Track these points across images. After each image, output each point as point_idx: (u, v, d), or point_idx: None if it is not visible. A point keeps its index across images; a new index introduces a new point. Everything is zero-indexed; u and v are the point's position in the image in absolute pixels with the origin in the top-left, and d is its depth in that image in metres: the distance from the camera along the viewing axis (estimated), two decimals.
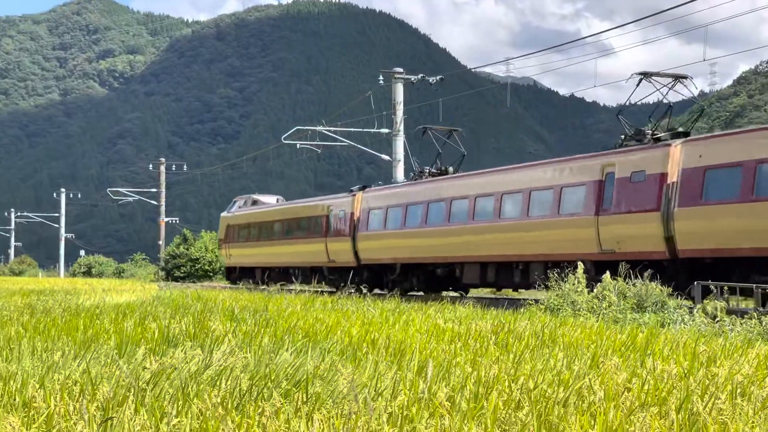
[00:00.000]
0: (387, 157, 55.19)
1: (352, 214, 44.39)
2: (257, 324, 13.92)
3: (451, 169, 41.92)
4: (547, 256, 30.96)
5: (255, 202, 61.21)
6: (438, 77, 53.62)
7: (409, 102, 56.54)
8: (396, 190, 42.79)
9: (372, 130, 57.44)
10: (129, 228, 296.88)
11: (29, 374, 7.76)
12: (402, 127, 53.92)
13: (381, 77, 54.45)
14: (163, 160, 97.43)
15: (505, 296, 36.97)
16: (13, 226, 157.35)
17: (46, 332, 12.31)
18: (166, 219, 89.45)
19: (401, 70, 54.37)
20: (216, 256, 76.01)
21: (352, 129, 60.24)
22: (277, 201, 60.74)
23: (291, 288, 32.45)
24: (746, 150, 24.33)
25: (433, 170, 42.43)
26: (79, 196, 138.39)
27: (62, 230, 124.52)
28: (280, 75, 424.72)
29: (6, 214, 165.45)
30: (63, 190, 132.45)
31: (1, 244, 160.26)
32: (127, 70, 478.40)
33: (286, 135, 60.52)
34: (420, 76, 54.13)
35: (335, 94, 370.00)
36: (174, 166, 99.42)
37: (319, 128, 59.18)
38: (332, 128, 59.52)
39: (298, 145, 60.04)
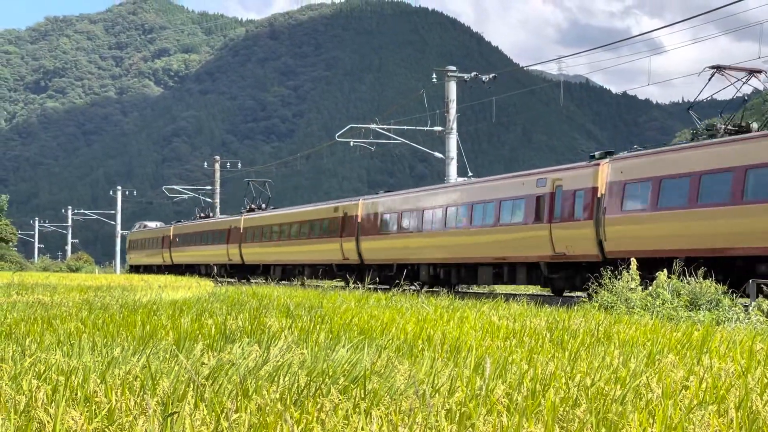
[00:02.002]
0: (440, 155, 55.12)
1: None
2: (313, 320, 13.95)
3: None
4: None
5: (145, 226, 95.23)
6: (491, 75, 53.47)
7: (462, 100, 56.42)
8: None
9: (425, 128, 57.37)
10: None
11: (90, 369, 7.83)
12: (455, 125, 53.83)
13: (434, 75, 54.36)
14: (217, 157, 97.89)
15: (546, 294, 36.79)
16: (70, 223, 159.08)
17: (105, 328, 12.41)
18: (221, 216, 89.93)
19: (454, 68, 54.27)
20: None
21: (405, 127, 60.22)
22: (156, 226, 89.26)
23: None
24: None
25: None
26: (135, 193, 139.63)
27: (118, 227, 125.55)
28: (333, 74, 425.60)
29: (63, 211, 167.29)
30: (119, 187, 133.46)
31: (58, 240, 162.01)
32: (182, 69, 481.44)
33: (339, 133, 60.63)
34: (473, 74, 54.00)
35: (388, 92, 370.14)
36: (228, 164, 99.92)
37: (373, 126, 59.22)
38: (385, 126, 59.54)
39: (351, 143, 60.11)
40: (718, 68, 31.44)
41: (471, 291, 37.76)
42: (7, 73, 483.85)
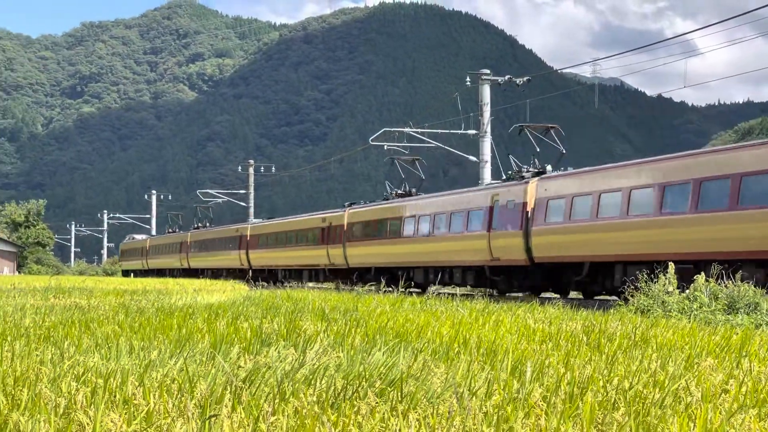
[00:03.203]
0: (474, 159, 55.07)
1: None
2: (348, 324, 13.95)
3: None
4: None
5: (133, 238, 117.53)
6: (525, 78, 53.36)
7: (496, 103, 56.39)
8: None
9: (459, 132, 57.35)
10: None
11: (128, 372, 7.86)
12: (489, 129, 53.78)
13: (468, 79, 54.32)
14: (251, 162, 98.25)
15: (575, 297, 36.74)
16: (105, 227, 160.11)
17: (142, 331, 12.46)
18: (255, 220, 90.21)
19: (488, 71, 54.22)
20: None
21: (439, 130, 60.22)
22: (142, 237, 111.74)
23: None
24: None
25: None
26: (170, 197, 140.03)
27: (153, 231, 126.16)
28: (367, 77, 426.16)
29: (99, 215, 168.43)
30: (153, 191, 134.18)
31: (94, 245, 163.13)
32: (216, 74, 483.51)
33: (373, 137, 60.71)
34: (507, 77, 53.92)
35: (421, 96, 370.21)
36: (262, 168, 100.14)
37: (407, 130, 59.24)
38: (419, 130, 59.55)
39: (385, 147, 60.17)
40: None
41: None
42: (44, 79, 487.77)
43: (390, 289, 38.37)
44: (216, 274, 78.08)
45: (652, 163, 32.67)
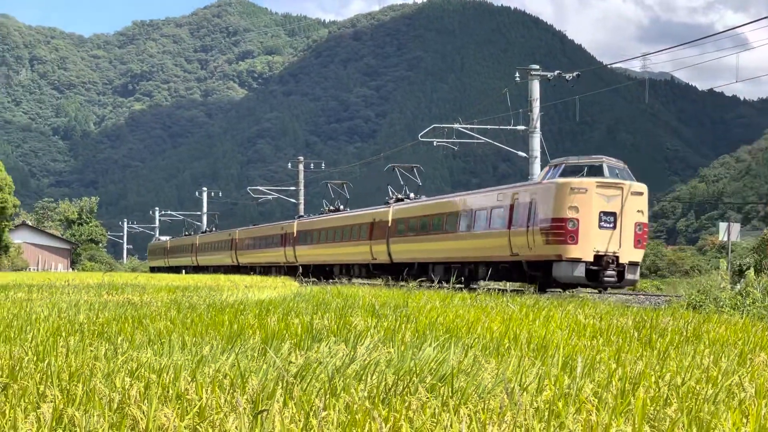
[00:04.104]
0: (523, 154, 54.88)
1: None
2: (398, 319, 13.96)
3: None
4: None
5: (159, 239, 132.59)
6: (574, 74, 53.08)
7: (545, 99, 56.14)
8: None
9: (508, 127, 57.14)
10: None
11: (181, 367, 7.91)
12: (538, 124, 53.57)
13: (517, 74, 54.11)
14: (301, 158, 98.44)
15: (640, 292, 36.46)
16: (157, 224, 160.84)
17: (193, 327, 12.54)
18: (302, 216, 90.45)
19: (537, 67, 53.99)
20: None
21: (488, 126, 60.03)
22: (166, 239, 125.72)
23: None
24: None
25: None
26: (220, 194, 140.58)
27: (204, 227, 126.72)
28: (416, 74, 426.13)
29: (150, 212, 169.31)
30: (204, 188, 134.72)
31: (146, 241, 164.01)
32: (266, 71, 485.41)
33: (422, 133, 60.61)
34: (556, 72, 53.66)
35: (470, 91, 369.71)
36: (312, 165, 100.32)
37: (456, 126, 59.11)
38: (468, 125, 59.39)
39: (434, 143, 60.08)
40: None
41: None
42: (97, 78, 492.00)
43: (436, 284, 38.24)
44: (266, 270, 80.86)
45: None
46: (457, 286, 38.06)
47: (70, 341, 10.25)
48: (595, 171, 41.24)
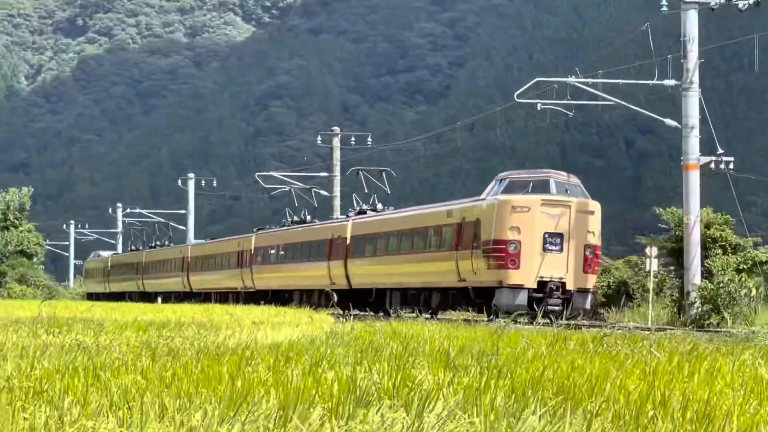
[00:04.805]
0: (673, 123, 54.69)
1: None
2: (485, 373, 13.96)
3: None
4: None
5: (99, 255, 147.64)
6: (751, 0, 52.77)
7: (707, 39, 55.94)
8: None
9: (649, 82, 56.95)
10: None
11: None
12: (696, 78, 53.40)
13: (664, 3, 53.88)
14: (336, 129, 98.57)
15: None
16: (120, 228, 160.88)
17: (177, 384, 12.60)
18: (341, 218, 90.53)
19: None
20: None
21: (620, 81, 59.84)
22: (108, 255, 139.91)
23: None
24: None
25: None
26: (215, 183, 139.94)
27: (191, 234, 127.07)
28: (510, 1, 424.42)
29: (111, 210, 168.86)
30: (191, 175, 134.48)
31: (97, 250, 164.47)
32: None
33: (520, 91, 60.50)
34: None
35: (593, 28, 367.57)
36: (352, 139, 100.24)
37: (570, 80, 58.95)
38: (588, 80, 59.23)
39: (538, 106, 59.92)
40: None
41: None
42: (30, 8, 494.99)
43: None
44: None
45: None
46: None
47: None
48: (541, 187, 50.77)
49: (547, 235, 50.02)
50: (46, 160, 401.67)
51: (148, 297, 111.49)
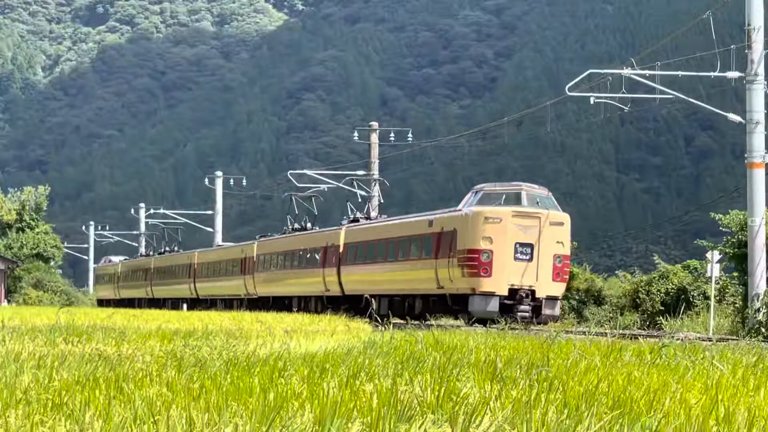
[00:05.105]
0: (737, 119, 54.56)
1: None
2: (534, 386, 13.96)
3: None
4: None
5: (110, 261, 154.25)
6: None
7: None
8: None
9: (711, 75, 56.86)
10: None
11: None
12: (761, 69, 53.24)
13: None
14: (374, 124, 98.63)
15: None
16: (143, 229, 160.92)
17: (205, 396, 12.63)
18: (381, 218, 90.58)
19: None
20: None
21: (678, 73, 59.71)
22: (119, 260, 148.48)
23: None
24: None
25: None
26: (244, 182, 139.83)
27: (218, 236, 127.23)
28: None
29: (132, 211, 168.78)
30: (219, 173, 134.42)
31: (127, 258, 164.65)
32: None
33: (571, 84, 60.47)
34: None
35: (650, 16, 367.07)
36: (392, 135, 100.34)
37: (625, 71, 58.88)
38: (645, 72, 59.14)
39: (591, 100, 59.88)
40: None
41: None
42: None
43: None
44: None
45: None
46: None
47: (9, 417, 10.37)
48: (513, 199, 58.40)
49: (518, 245, 57.53)
50: (64, 158, 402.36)
51: (157, 303, 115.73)
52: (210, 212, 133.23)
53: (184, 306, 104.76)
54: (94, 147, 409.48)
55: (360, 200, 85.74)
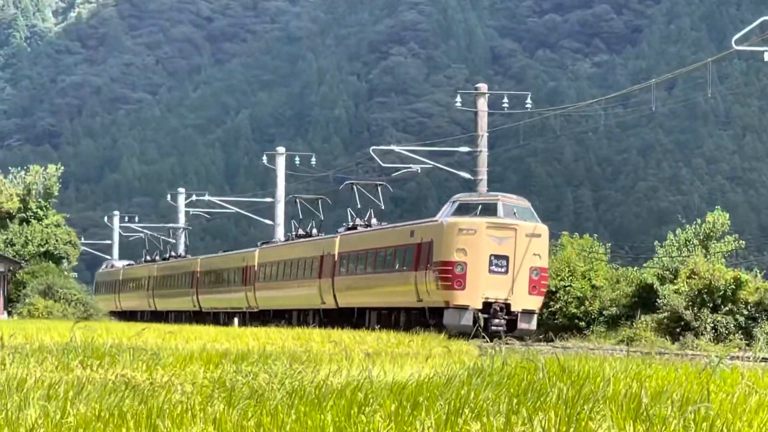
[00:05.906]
0: None
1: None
2: (691, 427, 13.95)
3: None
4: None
5: (113, 266, 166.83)
6: None
7: None
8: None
9: None
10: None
11: None
12: None
13: None
14: (482, 86, 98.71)
15: None
16: (182, 222, 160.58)
17: None
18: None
19: None
20: None
21: None
22: (122, 265, 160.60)
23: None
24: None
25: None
26: (313, 161, 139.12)
27: (279, 230, 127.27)
28: None
29: (168, 198, 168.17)
30: (281, 149, 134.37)
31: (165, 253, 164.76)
32: None
33: (739, 35, 60.39)
34: None
35: None
36: (505, 100, 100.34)
37: None
38: None
39: (766, 56, 59.73)
40: None
41: None
42: None
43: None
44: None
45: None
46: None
47: None
48: (489, 210, 68.27)
49: (493, 257, 67.50)
50: (82, 128, 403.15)
51: (159, 317, 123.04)
52: (270, 200, 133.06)
53: (235, 320, 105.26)
54: (120, 115, 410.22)
55: (459, 185, 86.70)
